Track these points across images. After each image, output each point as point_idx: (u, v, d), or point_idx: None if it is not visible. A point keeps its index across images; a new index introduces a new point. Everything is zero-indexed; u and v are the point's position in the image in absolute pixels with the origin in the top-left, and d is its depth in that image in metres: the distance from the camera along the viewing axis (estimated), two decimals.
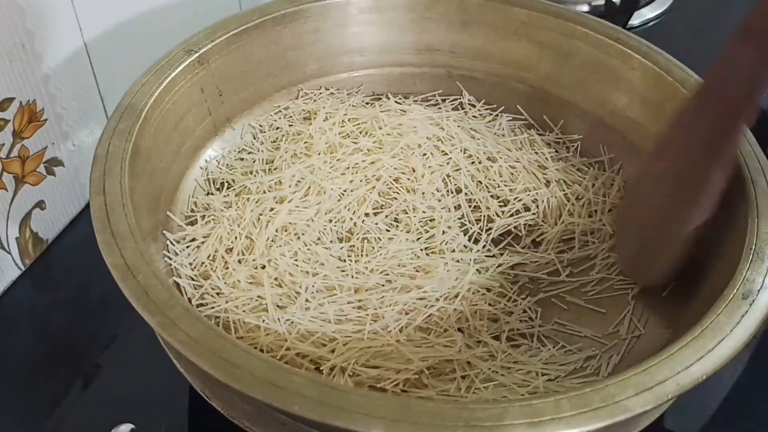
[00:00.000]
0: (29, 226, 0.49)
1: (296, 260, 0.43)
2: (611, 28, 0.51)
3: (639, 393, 0.30)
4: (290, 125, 0.52)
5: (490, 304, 0.43)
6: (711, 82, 0.38)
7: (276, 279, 0.42)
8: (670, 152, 0.41)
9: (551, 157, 0.52)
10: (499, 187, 0.50)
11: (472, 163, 0.51)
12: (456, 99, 0.56)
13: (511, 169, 0.50)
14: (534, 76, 0.54)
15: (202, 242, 0.44)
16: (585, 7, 0.73)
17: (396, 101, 0.55)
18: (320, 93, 0.55)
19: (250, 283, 0.42)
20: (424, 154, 0.50)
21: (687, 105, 0.40)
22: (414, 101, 0.55)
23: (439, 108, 0.55)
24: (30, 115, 0.46)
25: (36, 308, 0.48)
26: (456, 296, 0.42)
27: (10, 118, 0.45)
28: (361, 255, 0.44)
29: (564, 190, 0.49)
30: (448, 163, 0.50)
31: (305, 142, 0.50)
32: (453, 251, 0.45)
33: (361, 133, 0.51)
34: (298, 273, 0.42)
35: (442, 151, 0.51)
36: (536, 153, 0.52)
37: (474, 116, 0.55)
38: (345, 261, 0.44)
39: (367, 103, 0.55)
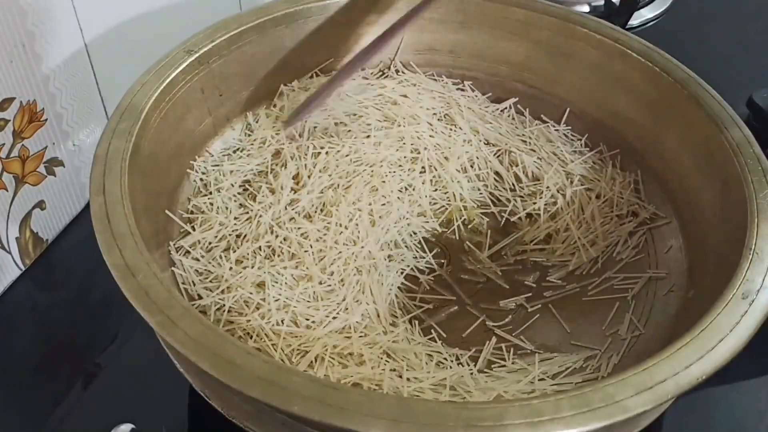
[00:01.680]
0: (29, 226, 0.49)
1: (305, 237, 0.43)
2: (611, 28, 0.51)
3: (639, 393, 0.30)
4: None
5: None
6: None
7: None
8: None
9: (567, 151, 0.52)
10: (522, 186, 0.50)
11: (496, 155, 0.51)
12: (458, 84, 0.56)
13: (536, 162, 0.51)
14: (534, 76, 0.54)
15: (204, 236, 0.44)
16: (585, 8, 0.73)
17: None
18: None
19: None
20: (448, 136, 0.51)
21: None
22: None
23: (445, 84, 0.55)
24: (30, 115, 0.46)
25: (36, 308, 0.48)
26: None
27: (11, 118, 0.45)
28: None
29: (585, 186, 0.50)
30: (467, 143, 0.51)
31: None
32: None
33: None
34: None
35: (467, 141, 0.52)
36: (555, 145, 0.52)
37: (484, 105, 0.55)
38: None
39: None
